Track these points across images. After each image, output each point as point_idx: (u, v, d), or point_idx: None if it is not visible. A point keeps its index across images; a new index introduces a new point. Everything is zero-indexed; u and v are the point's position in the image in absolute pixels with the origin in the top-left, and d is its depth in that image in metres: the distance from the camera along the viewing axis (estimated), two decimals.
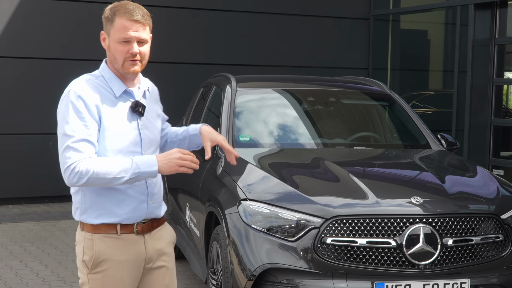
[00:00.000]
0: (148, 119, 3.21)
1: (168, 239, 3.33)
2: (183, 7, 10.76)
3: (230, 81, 6.18)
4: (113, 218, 3.11)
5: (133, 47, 3.06)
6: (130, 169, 2.97)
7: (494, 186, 4.96)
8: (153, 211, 3.22)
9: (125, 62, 3.08)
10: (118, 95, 3.12)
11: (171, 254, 3.35)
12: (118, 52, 3.07)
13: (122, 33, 3.04)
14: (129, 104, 3.14)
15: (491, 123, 9.54)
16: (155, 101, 3.33)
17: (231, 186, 4.84)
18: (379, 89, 6.51)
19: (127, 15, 3.04)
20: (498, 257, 4.54)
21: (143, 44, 3.10)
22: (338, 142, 5.95)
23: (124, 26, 3.04)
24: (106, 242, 3.12)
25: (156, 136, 3.25)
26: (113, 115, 3.08)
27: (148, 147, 3.18)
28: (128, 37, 3.05)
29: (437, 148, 5.90)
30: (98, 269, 3.12)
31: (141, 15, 3.06)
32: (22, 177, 9.80)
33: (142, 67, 3.13)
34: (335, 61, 11.65)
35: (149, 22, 3.11)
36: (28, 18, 9.75)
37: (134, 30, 3.05)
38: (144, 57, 3.11)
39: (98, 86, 3.10)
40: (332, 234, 4.33)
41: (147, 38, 3.10)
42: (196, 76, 10.20)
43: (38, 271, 6.52)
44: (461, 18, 10.06)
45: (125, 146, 3.10)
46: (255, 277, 4.36)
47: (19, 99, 9.76)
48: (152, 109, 3.27)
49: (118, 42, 3.06)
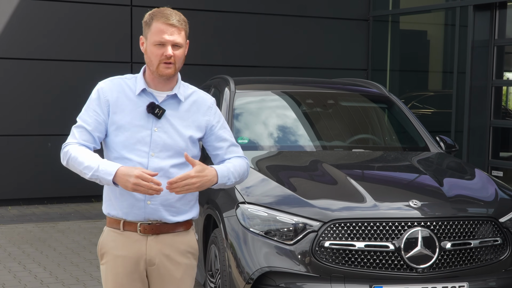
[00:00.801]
0: (171, 124, 3.23)
1: (181, 248, 3.30)
2: (182, 8, 10.74)
3: (228, 83, 6.17)
4: (114, 211, 3.25)
5: (167, 50, 3.17)
6: (92, 169, 3.09)
7: (493, 189, 4.96)
8: (154, 212, 3.22)
9: (160, 65, 3.19)
10: (137, 93, 3.24)
11: (184, 264, 3.30)
12: (153, 55, 3.19)
13: (157, 36, 3.17)
14: (146, 103, 3.24)
15: (490, 124, 9.54)
16: (196, 111, 3.30)
17: (229, 189, 4.82)
18: (377, 91, 6.50)
19: (163, 19, 3.17)
20: (496, 261, 4.54)
21: (178, 48, 3.20)
22: (337, 144, 5.94)
23: (160, 29, 3.17)
24: (111, 236, 3.29)
25: (178, 143, 3.23)
26: (127, 112, 3.22)
27: (160, 150, 3.20)
28: (164, 40, 3.17)
29: (435, 150, 5.90)
30: (103, 260, 3.32)
31: (177, 20, 3.18)
32: (21, 178, 9.80)
33: (176, 70, 3.22)
34: (334, 62, 11.64)
35: (185, 27, 3.23)
36: (27, 19, 9.74)
37: (169, 33, 3.17)
38: (179, 60, 3.21)
39: (124, 84, 3.27)
40: (330, 237, 4.32)
41: (182, 43, 3.21)
42: (195, 77, 10.18)
43: (37, 273, 6.51)
44: (461, 19, 10.06)
45: (131, 143, 3.20)
46: (253, 280, 4.35)
47: (18, 100, 9.76)
48: (184, 117, 3.27)
49: (154, 45, 3.18)
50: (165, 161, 3.21)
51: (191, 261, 3.34)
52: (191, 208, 3.33)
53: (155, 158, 3.20)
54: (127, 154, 3.19)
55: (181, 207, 3.27)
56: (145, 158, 3.19)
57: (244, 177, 3.36)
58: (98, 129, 3.22)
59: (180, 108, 3.27)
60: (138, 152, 3.19)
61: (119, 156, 3.20)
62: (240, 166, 3.31)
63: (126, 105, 3.23)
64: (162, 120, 3.22)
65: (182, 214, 3.28)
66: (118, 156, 3.20)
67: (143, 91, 3.24)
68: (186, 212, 3.30)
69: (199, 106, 3.32)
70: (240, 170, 3.31)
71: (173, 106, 3.26)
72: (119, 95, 3.24)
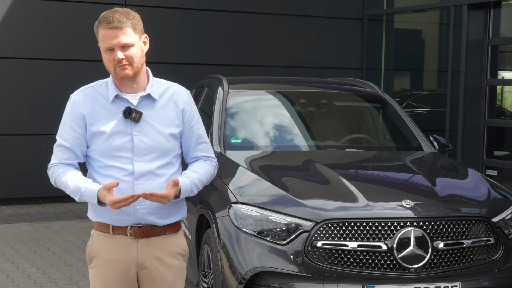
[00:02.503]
0: (150, 125, 3.18)
1: (172, 250, 3.27)
2: (179, 8, 10.74)
3: (222, 83, 6.16)
4: (103, 218, 3.21)
5: (116, 54, 3.09)
6: (77, 194, 3.14)
7: (485, 189, 4.96)
8: (144, 217, 3.18)
9: (116, 69, 3.12)
10: (110, 100, 3.17)
11: (174, 267, 3.28)
12: (107, 61, 3.14)
13: (104, 42, 3.11)
14: (122, 109, 3.17)
15: (484, 123, 9.54)
16: (174, 107, 3.24)
17: (222, 189, 4.82)
18: (371, 90, 6.50)
19: (104, 24, 3.09)
20: (489, 260, 4.53)
21: (128, 48, 3.10)
22: (330, 144, 5.93)
23: (104, 35, 3.09)
24: (100, 239, 3.24)
25: (161, 143, 3.19)
26: (103, 121, 3.15)
27: (144, 154, 3.16)
28: (110, 45, 3.09)
29: (429, 150, 5.89)
30: (91, 264, 3.27)
31: (117, 21, 3.07)
32: (15, 178, 9.77)
33: (134, 70, 3.13)
34: (328, 61, 11.63)
35: (131, 25, 3.10)
36: (22, 18, 9.72)
37: (113, 37, 3.08)
38: (133, 59, 3.11)
39: (95, 93, 3.19)
40: (322, 237, 4.32)
41: (130, 42, 3.10)
42: (191, 76, 10.18)
43: (30, 273, 6.49)
44: (455, 18, 10.06)
45: (113, 151, 3.14)
46: (246, 280, 4.35)
47: (12, 99, 9.73)
48: (163, 115, 3.21)
49: (104, 52, 3.12)
50: (150, 164, 3.17)
51: (182, 263, 3.33)
52: (179, 209, 3.30)
53: (140, 162, 3.15)
54: (110, 162, 3.14)
55: (170, 208, 3.24)
56: (129, 164, 3.15)
57: (211, 180, 3.37)
58: (78, 144, 3.19)
59: (156, 106, 3.21)
60: (121, 159, 3.14)
61: (103, 165, 3.16)
62: (205, 174, 3.29)
63: (102, 114, 3.16)
64: (141, 123, 3.16)
65: (171, 216, 3.26)
66: (102, 165, 3.16)
67: (116, 97, 3.18)
68: (175, 214, 3.27)
69: (176, 100, 3.26)
70: (205, 178, 3.29)
71: (149, 106, 3.19)
72: (93, 105, 3.18)
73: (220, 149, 5.49)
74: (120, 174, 3.12)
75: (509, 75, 10.83)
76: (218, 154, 5.41)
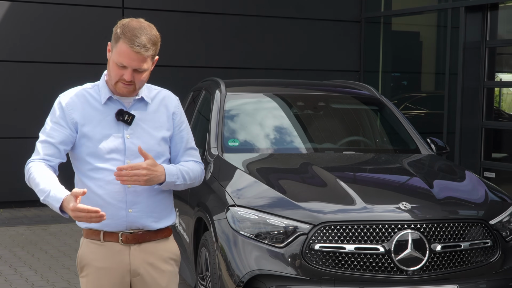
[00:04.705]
0: (142, 128, 3.17)
1: (165, 255, 3.25)
2: (177, 11, 10.74)
3: (219, 86, 6.16)
4: (94, 224, 3.11)
5: (127, 74, 3.06)
6: (44, 194, 2.97)
7: (483, 191, 4.96)
8: (137, 220, 3.15)
9: (118, 83, 3.10)
10: (103, 102, 3.15)
11: (168, 272, 3.26)
12: (113, 72, 3.10)
13: (120, 57, 3.04)
14: (114, 111, 3.15)
15: (482, 126, 9.55)
16: (165, 111, 3.24)
17: (220, 191, 4.82)
18: (369, 93, 6.50)
19: (129, 43, 3.01)
20: (486, 263, 4.53)
21: (141, 73, 3.09)
22: (328, 147, 5.93)
23: (124, 52, 3.03)
24: (91, 247, 3.18)
25: (152, 146, 3.17)
26: (95, 123, 3.13)
27: (136, 156, 3.13)
28: (125, 64, 3.05)
29: (426, 152, 5.89)
30: (83, 273, 3.21)
31: (143, 47, 3.02)
32: (13, 181, 9.74)
33: (135, 90, 3.13)
34: (326, 63, 11.64)
35: (150, 53, 3.06)
36: (20, 22, 9.72)
37: (131, 59, 3.03)
38: (139, 82, 3.11)
39: (87, 95, 3.16)
40: (320, 240, 4.32)
41: (145, 68, 3.08)
42: (188, 79, 10.18)
43: (28, 276, 6.49)
44: (452, 21, 10.08)
45: (104, 153, 3.11)
46: (243, 283, 4.34)
47: (10, 102, 9.73)
48: (154, 119, 3.21)
49: (116, 63, 3.06)
50: None
51: (174, 268, 3.31)
52: (169, 213, 3.28)
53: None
54: (101, 164, 3.11)
55: (162, 212, 3.22)
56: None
57: (197, 182, 3.30)
58: (64, 142, 3.11)
59: (148, 110, 3.20)
60: (113, 162, 3.11)
61: (93, 167, 3.12)
62: (193, 170, 3.25)
63: (94, 116, 3.13)
64: (133, 126, 3.14)
65: (162, 219, 3.23)
66: (92, 168, 3.12)
67: (109, 99, 3.15)
68: (166, 217, 3.25)
69: (167, 104, 3.25)
70: (193, 174, 3.24)
71: (142, 110, 3.19)
72: (84, 107, 3.14)
73: (218, 152, 5.49)
74: (111, 176, 3.07)
75: (507, 77, 10.85)
76: (216, 157, 5.41)
